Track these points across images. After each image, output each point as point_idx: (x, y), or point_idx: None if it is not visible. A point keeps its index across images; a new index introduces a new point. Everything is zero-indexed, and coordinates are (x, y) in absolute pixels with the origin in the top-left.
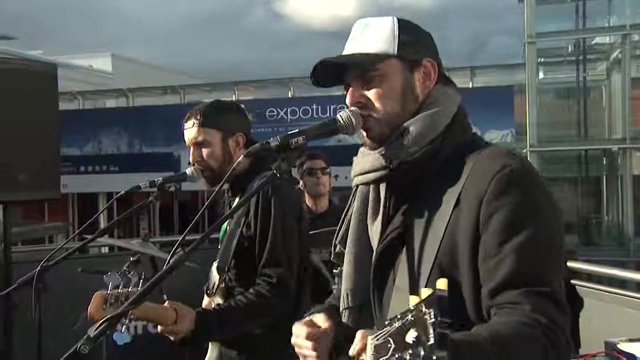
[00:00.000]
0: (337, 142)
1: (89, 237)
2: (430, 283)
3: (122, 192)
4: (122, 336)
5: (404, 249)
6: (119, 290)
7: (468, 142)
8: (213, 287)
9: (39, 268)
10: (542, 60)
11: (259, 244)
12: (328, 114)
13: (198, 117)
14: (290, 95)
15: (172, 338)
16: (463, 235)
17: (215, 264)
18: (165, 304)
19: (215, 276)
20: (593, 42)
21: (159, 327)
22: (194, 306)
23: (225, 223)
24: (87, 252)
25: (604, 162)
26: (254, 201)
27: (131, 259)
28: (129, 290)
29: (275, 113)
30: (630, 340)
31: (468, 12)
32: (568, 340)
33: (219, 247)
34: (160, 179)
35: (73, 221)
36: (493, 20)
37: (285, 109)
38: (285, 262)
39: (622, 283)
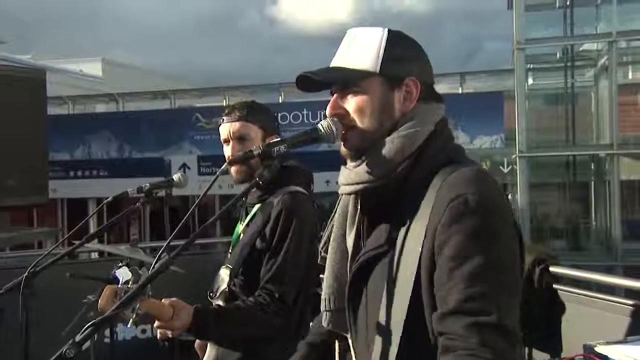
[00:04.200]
0: (328, 147)
1: (78, 242)
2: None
3: (110, 198)
4: (129, 331)
5: (379, 267)
6: (129, 285)
7: (444, 160)
8: (217, 290)
9: (26, 274)
10: (531, 66)
11: (268, 257)
12: (318, 119)
13: (243, 111)
14: (280, 101)
15: (169, 334)
16: (425, 263)
17: (224, 268)
18: (163, 300)
19: (223, 279)
20: (581, 48)
21: (156, 322)
22: None
23: (240, 228)
24: (77, 257)
25: (592, 167)
26: (275, 215)
27: (120, 264)
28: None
29: None
30: (608, 343)
31: (462, 18)
32: None
33: (229, 250)
34: (148, 184)
35: (62, 226)
36: (486, 25)
37: (275, 114)
38: (291, 282)
39: (611, 288)
